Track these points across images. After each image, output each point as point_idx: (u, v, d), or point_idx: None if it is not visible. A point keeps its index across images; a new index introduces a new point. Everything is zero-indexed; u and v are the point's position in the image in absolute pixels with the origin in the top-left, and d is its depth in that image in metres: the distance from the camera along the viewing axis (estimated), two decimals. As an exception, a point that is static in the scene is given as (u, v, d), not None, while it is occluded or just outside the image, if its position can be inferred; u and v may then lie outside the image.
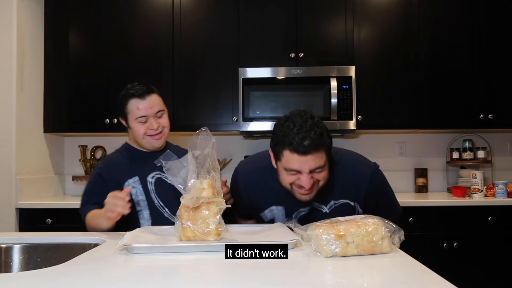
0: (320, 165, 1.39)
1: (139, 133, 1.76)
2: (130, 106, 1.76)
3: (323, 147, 1.37)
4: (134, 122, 1.76)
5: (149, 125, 1.75)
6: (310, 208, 1.58)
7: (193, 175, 1.29)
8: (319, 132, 1.36)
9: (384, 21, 3.07)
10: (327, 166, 1.43)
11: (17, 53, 2.85)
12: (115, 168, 1.79)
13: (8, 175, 2.80)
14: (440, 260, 2.65)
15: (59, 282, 0.93)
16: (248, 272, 1.01)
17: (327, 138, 1.40)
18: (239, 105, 2.98)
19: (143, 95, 1.75)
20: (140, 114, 1.74)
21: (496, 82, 3.03)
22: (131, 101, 1.75)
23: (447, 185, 3.36)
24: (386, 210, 1.64)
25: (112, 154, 1.90)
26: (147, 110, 1.74)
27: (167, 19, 3.10)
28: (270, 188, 1.58)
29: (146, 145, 1.79)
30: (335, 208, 1.57)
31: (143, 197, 1.75)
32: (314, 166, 1.38)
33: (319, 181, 1.44)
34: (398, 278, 0.95)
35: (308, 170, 1.38)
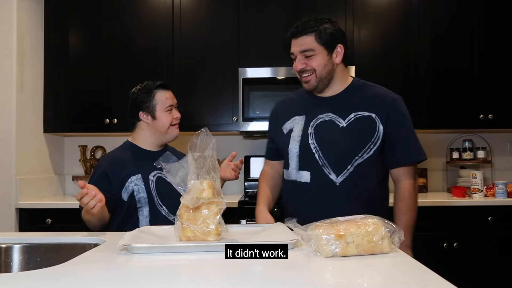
0: (308, 48, 1.58)
1: (167, 122, 1.86)
2: (158, 97, 1.87)
3: (312, 32, 1.57)
4: (162, 112, 1.86)
5: (173, 114, 1.89)
6: (327, 118, 1.64)
7: (193, 176, 1.29)
8: (314, 22, 1.58)
9: (384, 21, 3.07)
10: (321, 55, 1.59)
11: (17, 53, 2.85)
12: (119, 165, 1.82)
13: (8, 175, 2.80)
14: (440, 260, 2.64)
15: (59, 282, 0.93)
16: (248, 272, 1.01)
17: (324, 28, 1.58)
18: (239, 105, 2.98)
19: (167, 87, 1.91)
20: (168, 103, 1.87)
21: (496, 82, 3.03)
22: (159, 92, 1.87)
23: (447, 185, 3.36)
24: (407, 144, 1.63)
25: (115, 151, 1.93)
26: (173, 99, 1.90)
27: (167, 19, 3.10)
28: (294, 101, 1.77)
29: (168, 135, 1.89)
30: (354, 120, 1.61)
31: (144, 194, 1.79)
32: (301, 48, 1.59)
33: (315, 70, 1.60)
34: (398, 278, 0.95)
35: (298, 52, 1.59)
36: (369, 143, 1.59)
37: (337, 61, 1.64)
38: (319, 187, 1.62)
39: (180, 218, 1.29)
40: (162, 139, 1.91)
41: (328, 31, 1.60)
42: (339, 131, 1.61)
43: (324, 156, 1.61)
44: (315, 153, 1.62)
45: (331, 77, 1.65)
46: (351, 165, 1.59)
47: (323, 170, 1.61)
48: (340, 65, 1.66)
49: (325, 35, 1.59)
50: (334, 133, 1.61)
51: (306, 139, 1.64)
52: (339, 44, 1.62)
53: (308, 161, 1.64)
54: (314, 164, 1.62)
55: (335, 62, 1.63)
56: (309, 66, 1.61)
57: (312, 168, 1.63)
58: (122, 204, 1.78)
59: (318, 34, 1.59)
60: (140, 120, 1.89)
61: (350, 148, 1.59)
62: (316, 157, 1.62)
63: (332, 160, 1.60)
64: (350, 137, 1.60)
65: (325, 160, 1.61)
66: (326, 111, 1.65)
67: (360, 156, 1.59)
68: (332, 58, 1.63)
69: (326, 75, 1.63)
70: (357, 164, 1.59)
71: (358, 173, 1.60)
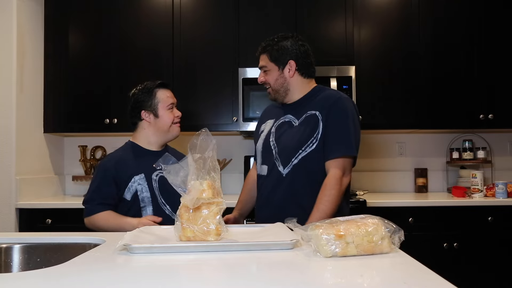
0: (263, 65, 1.85)
1: (169, 120, 1.90)
2: (160, 95, 1.91)
3: (265, 51, 1.84)
4: (164, 110, 1.90)
5: (175, 112, 1.94)
6: (286, 119, 1.86)
7: (193, 177, 1.29)
8: (269, 42, 1.84)
9: (384, 21, 3.07)
10: (272, 71, 1.83)
11: (17, 53, 2.85)
12: (122, 165, 1.85)
13: (8, 175, 2.80)
14: (440, 260, 2.65)
15: (59, 282, 0.93)
16: (248, 272, 1.01)
17: (276, 47, 1.81)
18: (239, 105, 2.98)
19: (167, 86, 1.96)
20: (170, 101, 1.92)
21: (496, 82, 3.03)
22: (160, 91, 1.92)
23: (447, 185, 3.36)
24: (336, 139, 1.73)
25: (117, 152, 1.95)
26: (173, 98, 1.95)
27: (167, 19, 3.10)
28: (272, 108, 2.01)
29: (170, 134, 1.93)
30: (304, 119, 1.79)
31: (147, 194, 1.82)
32: (260, 65, 1.88)
33: (270, 85, 1.85)
34: (398, 278, 0.95)
35: (259, 67, 1.88)
36: (311, 138, 1.75)
37: (289, 75, 1.83)
38: (271, 178, 1.82)
39: (180, 218, 1.29)
40: (164, 138, 1.94)
41: (280, 50, 1.82)
42: (292, 129, 1.81)
43: (278, 151, 1.81)
44: (273, 149, 1.83)
45: (286, 89, 1.85)
46: (295, 157, 1.76)
47: (275, 163, 1.81)
48: (295, 78, 1.84)
49: (276, 54, 1.82)
50: (288, 131, 1.82)
51: (268, 138, 1.87)
52: (291, 60, 1.82)
53: (267, 156, 1.85)
54: (270, 159, 1.83)
55: (287, 76, 1.83)
56: (266, 80, 1.87)
57: (269, 162, 1.84)
58: (126, 204, 1.79)
59: (269, 52, 1.84)
60: (141, 120, 1.92)
61: (295, 142, 1.77)
62: (273, 153, 1.82)
63: (282, 154, 1.80)
64: (298, 133, 1.78)
65: (278, 155, 1.81)
66: (286, 114, 1.88)
67: (304, 149, 1.75)
68: (284, 73, 1.83)
69: (279, 87, 1.85)
70: (302, 157, 1.75)
71: (303, 165, 1.75)
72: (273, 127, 1.88)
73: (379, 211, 2.65)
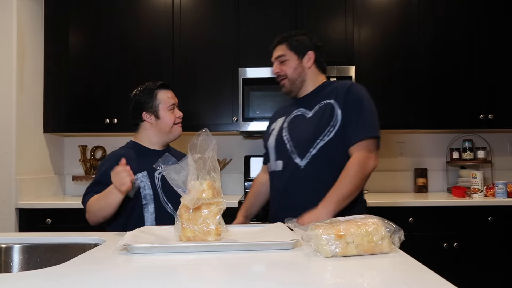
0: (281, 54, 1.86)
1: (170, 121, 1.90)
2: (161, 96, 1.90)
3: (284, 41, 1.87)
4: (165, 111, 1.89)
5: (176, 113, 1.93)
6: (298, 113, 1.86)
7: (193, 177, 1.30)
8: (287, 34, 1.88)
9: (384, 21, 3.07)
10: (291, 61, 1.84)
11: (17, 53, 2.85)
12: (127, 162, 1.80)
13: (8, 175, 2.81)
14: (440, 260, 2.65)
15: (59, 282, 0.93)
16: (248, 272, 1.01)
17: (295, 39, 1.85)
18: (239, 105, 2.98)
19: (168, 86, 1.95)
20: (171, 102, 1.91)
21: (496, 82, 3.03)
22: (161, 92, 1.91)
23: (447, 185, 3.36)
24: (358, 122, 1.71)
25: (119, 150, 1.95)
26: (174, 98, 1.94)
27: (167, 19, 3.10)
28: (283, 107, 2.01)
29: (171, 134, 1.93)
30: (318, 109, 1.79)
31: (150, 191, 1.82)
32: (276, 55, 1.88)
33: (287, 75, 1.85)
34: (398, 278, 0.95)
35: (274, 59, 1.89)
36: (328, 126, 1.73)
37: (308, 65, 1.86)
38: (287, 172, 1.78)
39: (180, 218, 1.29)
40: (165, 139, 1.94)
41: (299, 41, 1.86)
42: (306, 120, 1.80)
43: (293, 144, 1.79)
44: (287, 143, 1.81)
45: (303, 79, 1.87)
46: (313, 148, 1.73)
47: (291, 157, 1.78)
48: (312, 69, 1.88)
49: (296, 43, 1.86)
50: (301, 123, 1.81)
51: (280, 133, 1.85)
52: (310, 51, 1.86)
53: (281, 151, 1.82)
54: (285, 153, 1.80)
55: (305, 66, 1.86)
56: (283, 71, 1.86)
57: (284, 157, 1.80)
58: (128, 201, 1.78)
59: (289, 43, 1.87)
60: (143, 121, 1.92)
61: (311, 132, 1.75)
62: (288, 147, 1.80)
63: (298, 146, 1.77)
64: (313, 123, 1.76)
65: (294, 147, 1.78)
66: (298, 107, 1.87)
67: (322, 139, 1.73)
68: (303, 63, 1.86)
69: (297, 76, 1.86)
70: (320, 147, 1.72)
71: (322, 155, 1.72)
72: (284, 122, 1.87)
73: (379, 211, 2.65)
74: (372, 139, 1.72)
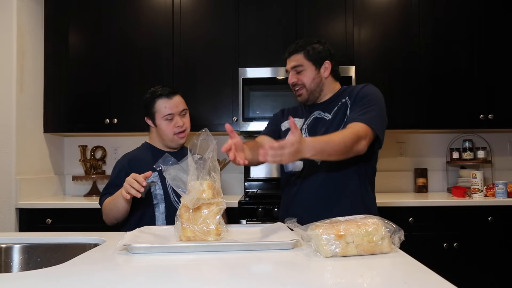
0: (298, 64, 1.80)
1: (167, 131, 1.90)
2: (158, 105, 1.91)
3: (301, 50, 1.81)
4: (161, 120, 1.90)
5: (175, 122, 1.91)
6: (318, 116, 1.84)
7: (193, 177, 1.30)
8: (303, 43, 1.82)
9: (384, 21, 3.07)
10: (308, 71, 1.80)
11: (17, 53, 2.85)
12: (137, 163, 1.89)
13: (8, 175, 2.81)
14: (440, 260, 2.65)
15: (59, 282, 0.93)
16: (248, 272, 1.01)
17: (312, 47, 1.80)
18: (239, 105, 2.98)
19: (169, 95, 1.92)
20: (167, 112, 1.90)
21: (496, 82, 3.03)
22: (159, 101, 1.91)
23: (447, 185, 3.36)
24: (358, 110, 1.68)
25: (133, 151, 2.00)
26: (173, 108, 1.91)
27: (167, 19, 3.10)
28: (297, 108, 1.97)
29: (172, 142, 1.93)
30: (336, 110, 1.79)
31: (161, 191, 1.87)
32: (292, 64, 1.82)
33: (305, 84, 1.80)
34: (398, 278, 0.95)
35: (290, 68, 1.83)
36: (342, 124, 1.74)
37: (325, 75, 1.83)
38: (307, 171, 1.79)
39: (180, 218, 1.29)
40: (168, 145, 1.97)
41: (315, 50, 1.82)
42: (326, 123, 1.80)
43: None
44: None
45: (321, 89, 1.84)
46: None
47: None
48: (329, 79, 1.85)
49: (312, 53, 1.81)
50: (321, 125, 1.80)
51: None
52: (326, 60, 1.83)
53: None
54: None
55: (323, 76, 1.83)
56: (300, 80, 1.82)
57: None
58: (140, 201, 1.81)
59: (306, 52, 1.82)
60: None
61: (329, 132, 1.72)
62: None
63: None
64: (333, 124, 1.77)
65: None
66: (317, 111, 1.86)
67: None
68: (320, 73, 1.83)
69: (315, 87, 1.83)
70: None
71: None
72: (304, 124, 1.85)
73: (379, 211, 2.65)
74: (371, 129, 1.63)
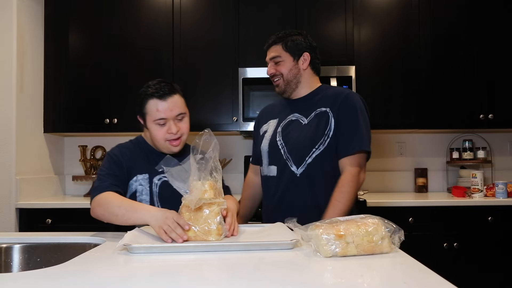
0: (276, 55, 1.82)
1: (157, 136, 1.63)
2: (149, 107, 1.62)
3: (279, 42, 1.83)
4: (152, 124, 1.63)
5: (168, 128, 1.62)
6: (293, 118, 1.83)
7: (195, 177, 1.30)
8: (283, 34, 1.84)
9: (384, 21, 3.07)
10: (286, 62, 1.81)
11: (17, 53, 2.85)
12: (130, 158, 1.69)
13: (8, 175, 2.80)
14: (440, 260, 2.65)
15: (59, 282, 0.93)
16: (248, 272, 1.01)
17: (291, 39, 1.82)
18: (239, 105, 2.98)
19: (163, 96, 1.61)
20: (159, 116, 1.60)
21: (496, 82, 3.03)
22: (150, 102, 1.62)
23: (447, 185, 3.36)
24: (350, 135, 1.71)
25: (127, 143, 1.77)
26: (166, 112, 1.61)
27: (167, 19, 3.10)
28: (273, 107, 1.98)
29: (163, 149, 1.68)
30: (314, 116, 1.78)
31: (147, 197, 1.66)
32: (271, 56, 1.84)
33: (282, 74, 1.82)
34: (398, 278, 0.95)
35: (269, 59, 1.85)
36: (323, 135, 1.74)
37: (303, 67, 1.83)
38: (283, 179, 1.77)
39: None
40: (160, 150, 1.71)
41: (294, 41, 1.82)
42: (302, 128, 1.78)
43: (288, 151, 1.78)
44: (281, 149, 1.79)
45: (298, 81, 1.84)
46: (309, 157, 1.74)
47: (287, 163, 1.77)
48: (307, 71, 1.85)
49: (291, 44, 1.82)
50: (297, 130, 1.79)
51: (274, 137, 1.83)
52: (305, 52, 1.83)
53: (275, 156, 1.81)
54: (280, 159, 1.79)
55: (301, 68, 1.83)
56: (278, 71, 1.83)
57: (278, 163, 1.80)
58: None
59: (285, 43, 1.83)
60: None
61: (308, 141, 1.74)
62: (282, 153, 1.79)
63: (294, 153, 1.76)
64: (309, 131, 1.76)
65: (289, 154, 1.77)
66: (293, 112, 1.85)
67: (317, 148, 1.74)
68: (299, 64, 1.83)
69: (292, 78, 1.83)
70: (315, 156, 1.73)
71: (318, 164, 1.73)
72: (278, 126, 1.84)
73: (379, 211, 2.65)
74: (364, 153, 1.74)
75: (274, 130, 1.85)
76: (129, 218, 1.43)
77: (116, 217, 1.47)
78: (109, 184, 1.56)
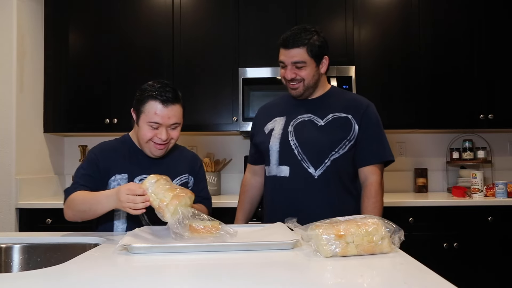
0: (300, 60, 1.70)
1: (145, 136, 1.59)
2: (148, 107, 1.57)
3: (304, 45, 1.69)
4: (144, 124, 1.59)
5: (159, 133, 1.58)
6: (306, 118, 1.78)
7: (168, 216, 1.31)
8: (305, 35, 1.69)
9: (384, 21, 3.07)
10: (311, 66, 1.72)
11: (17, 53, 2.85)
12: (109, 157, 1.66)
13: (8, 175, 2.80)
14: (440, 260, 2.65)
15: (59, 282, 0.93)
16: (248, 272, 1.01)
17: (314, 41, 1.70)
18: (239, 105, 2.98)
19: (166, 102, 1.57)
20: (155, 119, 1.57)
21: (496, 82, 3.03)
22: (151, 103, 1.57)
23: (447, 185, 3.36)
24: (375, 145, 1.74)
25: (111, 142, 1.75)
26: (164, 119, 1.57)
27: (167, 19, 3.10)
28: (275, 105, 1.91)
29: (146, 150, 1.64)
30: (332, 120, 1.75)
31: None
32: (293, 59, 1.71)
33: (304, 80, 1.73)
34: (398, 278, 0.96)
35: (290, 62, 1.72)
36: (345, 140, 1.73)
37: (322, 71, 1.78)
38: (298, 180, 1.73)
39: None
40: (143, 149, 1.67)
41: (317, 44, 1.72)
42: (318, 129, 1.75)
43: (303, 151, 1.73)
44: (294, 149, 1.74)
45: (316, 85, 1.80)
46: (328, 159, 1.72)
47: (302, 164, 1.73)
48: (323, 74, 1.82)
49: (314, 48, 1.71)
50: (312, 131, 1.75)
51: (286, 137, 1.77)
52: (325, 55, 1.77)
53: (287, 156, 1.75)
54: (293, 159, 1.74)
55: (321, 72, 1.78)
56: (299, 76, 1.73)
57: (291, 163, 1.74)
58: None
59: (309, 47, 1.70)
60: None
61: (327, 143, 1.72)
62: (296, 153, 1.74)
63: (311, 155, 1.73)
64: (328, 134, 1.73)
65: (304, 155, 1.73)
66: (306, 112, 1.80)
67: (337, 151, 1.72)
68: (319, 68, 1.77)
69: (313, 84, 1.77)
70: (334, 159, 1.72)
71: (335, 167, 1.72)
72: (289, 125, 1.78)
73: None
74: (383, 163, 1.78)
75: (283, 129, 1.79)
76: (95, 210, 1.47)
77: (85, 213, 1.51)
78: (78, 185, 1.59)
